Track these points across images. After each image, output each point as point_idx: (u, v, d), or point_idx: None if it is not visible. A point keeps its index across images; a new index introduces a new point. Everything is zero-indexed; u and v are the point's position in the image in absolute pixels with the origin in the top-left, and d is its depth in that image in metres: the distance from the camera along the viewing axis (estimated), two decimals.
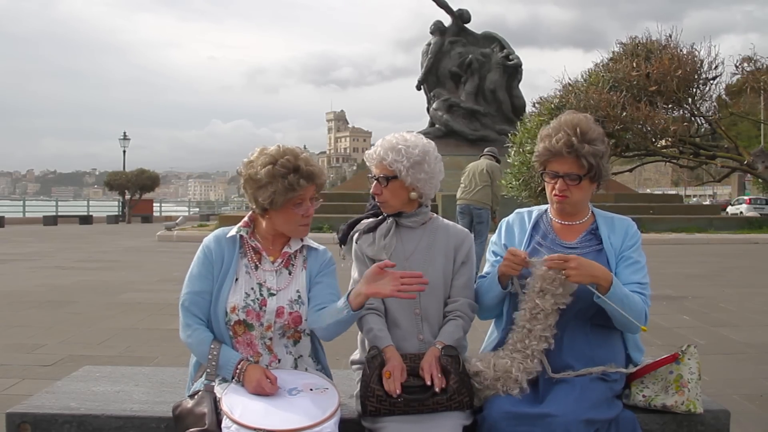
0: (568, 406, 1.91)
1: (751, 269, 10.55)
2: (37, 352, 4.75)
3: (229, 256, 2.15)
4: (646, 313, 2.09)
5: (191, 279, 2.15)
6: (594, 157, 2.12)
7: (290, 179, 2.04)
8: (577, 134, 2.11)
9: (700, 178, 21.61)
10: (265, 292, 2.12)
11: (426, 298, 2.20)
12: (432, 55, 24.23)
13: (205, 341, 2.08)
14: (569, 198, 2.16)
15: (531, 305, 2.05)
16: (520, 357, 2.03)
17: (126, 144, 35.85)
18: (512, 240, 2.28)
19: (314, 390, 2.01)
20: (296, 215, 2.13)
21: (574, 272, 1.99)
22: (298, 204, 2.11)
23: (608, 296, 2.00)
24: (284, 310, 2.12)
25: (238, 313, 2.09)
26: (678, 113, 6.11)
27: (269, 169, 2.05)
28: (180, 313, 2.15)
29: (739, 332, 5.45)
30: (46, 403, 2.26)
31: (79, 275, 9.36)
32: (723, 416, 2.16)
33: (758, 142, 17.30)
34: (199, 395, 2.00)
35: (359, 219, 2.32)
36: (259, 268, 2.16)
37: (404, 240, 2.26)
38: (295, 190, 2.06)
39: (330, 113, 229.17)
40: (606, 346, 2.12)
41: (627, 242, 2.19)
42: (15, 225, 25.69)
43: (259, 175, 2.06)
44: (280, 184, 2.04)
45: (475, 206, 8.69)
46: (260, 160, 2.09)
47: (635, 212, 17.15)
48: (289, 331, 2.16)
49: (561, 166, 2.14)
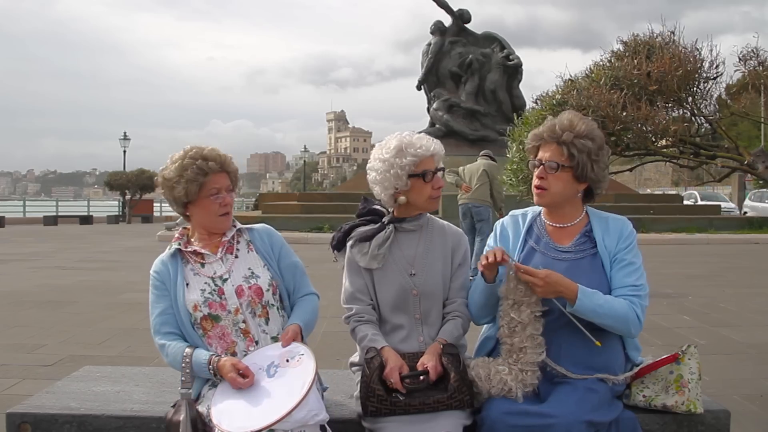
0: (569, 408, 1.90)
1: (751, 269, 10.54)
2: (37, 352, 4.75)
3: (173, 270, 2.22)
4: (638, 315, 2.03)
5: (152, 305, 2.22)
6: (578, 151, 2.08)
7: (199, 164, 2.15)
8: (563, 125, 2.11)
9: (701, 178, 21.58)
10: (219, 281, 2.18)
11: (425, 302, 2.20)
12: (432, 55, 24.19)
13: (180, 351, 2.12)
14: (547, 190, 2.13)
15: (507, 320, 2.03)
16: (516, 369, 2.01)
17: (126, 144, 35.84)
18: (506, 244, 2.24)
19: (290, 361, 2.02)
20: (214, 204, 2.20)
21: (540, 289, 1.98)
22: (214, 194, 2.19)
23: (576, 308, 1.97)
24: (243, 287, 2.17)
25: (201, 309, 2.13)
26: (678, 113, 6.10)
27: (179, 164, 2.18)
28: (154, 340, 2.19)
29: (739, 332, 5.45)
30: (46, 403, 2.26)
31: (80, 275, 9.36)
32: (723, 416, 2.16)
33: (758, 142, 17.29)
34: (177, 403, 2.06)
35: (354, 226, 2.29)
36: (206, 264, 2.22)
37: (402, 246, 2.24)
38: (206, 173, 2.16)
39: (330, 113, 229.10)
40: (604, 352, 2.06)
41: (621, 244, 2.13)
42: (15, 225, 25.68)
43: (170, 173, 2.18)
44: (190, 172, 2.15)
45: (474, 204, 8.73)
46: (170, 160, 2.22)
47: (635, 212, 17.16)
48: (257, 308, 2.18)
49: (545, 152, 2.14)
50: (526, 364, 2.00)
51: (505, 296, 2.03)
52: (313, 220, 16.91)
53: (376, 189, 2.23)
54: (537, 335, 2.01)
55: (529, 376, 2.00)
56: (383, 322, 2.22)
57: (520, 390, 1.98)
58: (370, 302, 2.22)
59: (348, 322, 2.23)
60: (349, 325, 2.23)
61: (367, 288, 2.23)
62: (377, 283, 2.22)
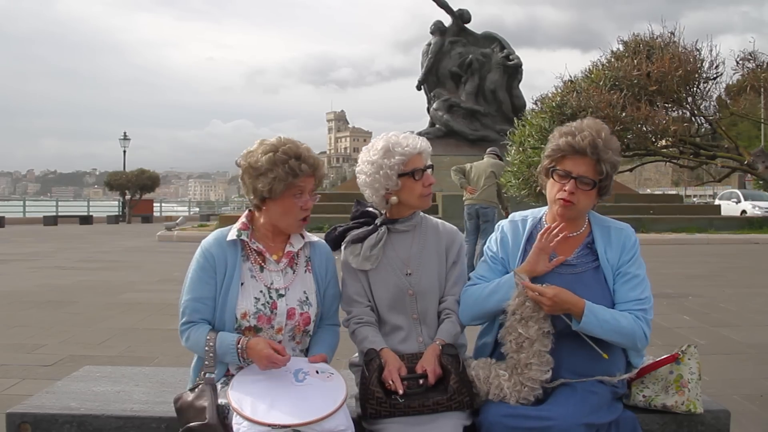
0: (568, 410, 1.90)
1: (751, 269, 10.54)
2: (37, 352, 4.75)
3: (232, 261, 2.08)
4: (643, 331, 2.02)
5: (192, 285, 2.08)
6: (611, 167, 2.05)
7: (291, 164, 2.01)
8: (602, 137, 2.04)
9: (701, 178, 21.56)
10: (274, 294, 2.09)
11: (422, 301, 2.20)
12: (432, 55, 24.18)
13: (203, 334, 2.03)
14: (575, 204, 2.06)
15: (515, 335, 2.00)
16: (516, 379, 1.99)
17: (126, 144, 35.84)
18: (506, 250, 2.22)
19: (320, 373, 1.99)
20: (295, 206, 2.07)
21: (548, 307, 1.97)
22: (297, 195, 2.06)
23: (582, 325, 1.96)
24: (295, 311, 2.10)
25: (249, 320, 2.05)
26: (678, 113, 6.09)
27: (270, 156, 2.01)
28: (180, 319, 2.09)
29: (739, 332, 5.45)
30: (46, 403, 2.26)
31: (80, 275, 9.36)
32: (723, 416, 2.16)
33: (758, 142, 17.29)
34: (200, 388, 1.97)
35: (348, 228, 2.28)
36: (264, 269, 2.12)
37: (396, 246, 2.23)
38: (297, 175, 2.01)
39: (330, 113, 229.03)
40: (606, 362, 2.03)
41: (624, 256, 2.10)
42: (15, 225, 25.68)
43: (259, 162, 2.02)
44: (281, 170, 2.00)
45: (482, 205, 8.78)
46: (261, 149, 2.06)
47: (635, 212, 17.17)
48: (298, 335, 2.14)
49: (577, 166, 2.03)
50: (528, 380, 1.97)
51: (512, 311, 2.01)
52: (313, 219, 16.63)
53: (366, 192, 2.21)
54: (545, 352, 1.98)
55: (527, 391, 1.97)
56: (382, 323, 2.22)
57: (514, 398, 1.97)
58: (368, 304, 2.22)
59: (347, 325, 2.23)
60: (348, 328, 2.23)
61: (365, 290, 2.22)
62: (373, 284, 2.21)
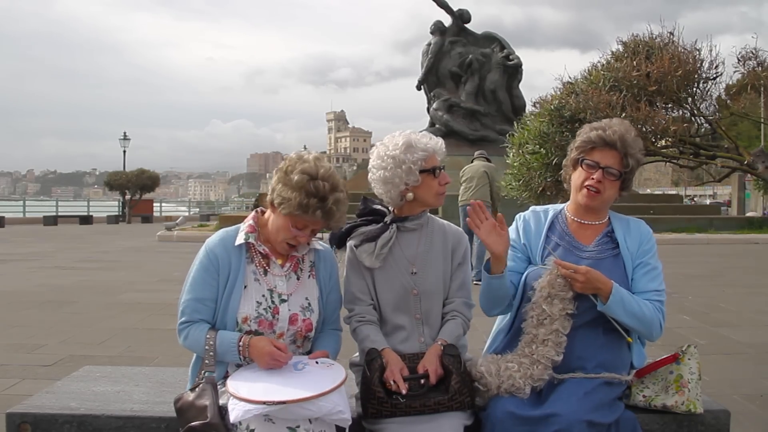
0: (571, 406, 1.92)
1: (751, 269, 10.55)
2: (37, 352, 4.75)
3: (236, 264, 2.07)
4: (660, 321, 2.11)
5: (193, 284, 2.07)
6: (635, 162, 2.16)
7: (311, 202, 1.97)
8: (630, 134, 2.17)
9: (700, 178, 21.58)
10: (277, 299, 2.08)
11: (426, 302, 2.20)
12: (432, 55, 24.18)
13: (202, 333, 2.02)
14: (601, 194, 2.16)
15: (538, 311, 2.06)
16: (527, 362, 2.03)
17: (126, 144, 35.84)
18: (529, 237, 2.28)
19: (319, 363, 2.00)
20: (290, 232, 2.04)
21: (580, 285, 2.03)
22: (299, 226, 2.03)
23: (608, 305, 2.02)
24: (298, 317, 2.10)
25: (249, 324, 2.04)
26: (678, 113, 6.09)
27: (302, 179, 1.97)
28: (179, 318, 2.07)
29: (739, 332, 5.45)
30: (46, 403, 2.26)
31: (79, 275, 9.36)
32: (723, 416, 2.16)
33: (758, 142, 17.29)
34: (200, 387, 1.96)
35: (356, 225, 2.26)
36: (269, 272, 2.11)
37: (403, 245, 2.23)
38: (305, 212, 1.98)
39: (330, 113, 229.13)
40: (615, 351, 2.13)
41: (644, 246, 2.20)
42: (15, 225, 25.67)
43: (293, 175, 1.99)
44: (300, 198, 1.96)
45: None
46: (305, 166, 2.01)
47: (635, 212, 17.10)
48: (299, 340, 2.13)
49: (605, 158, 2.15)
50: (541, 357, 2.02)
51: (541, 288, 2.06)
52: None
53: (381, 188, 2.19)
54: (562, 333, 2.04)
55: (539, 371, 2.01)
56: (384, 322, 2.22)
57: (528, 386, 2.00)
58: (371, 302, 2.22)
59: (349, 323, 2.23)
60: (350, 326, 2.23)
61: (368, 288, 2.22)
62: (378, 282, 2.21)
